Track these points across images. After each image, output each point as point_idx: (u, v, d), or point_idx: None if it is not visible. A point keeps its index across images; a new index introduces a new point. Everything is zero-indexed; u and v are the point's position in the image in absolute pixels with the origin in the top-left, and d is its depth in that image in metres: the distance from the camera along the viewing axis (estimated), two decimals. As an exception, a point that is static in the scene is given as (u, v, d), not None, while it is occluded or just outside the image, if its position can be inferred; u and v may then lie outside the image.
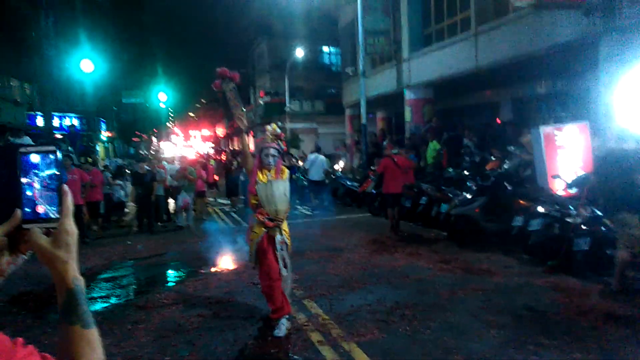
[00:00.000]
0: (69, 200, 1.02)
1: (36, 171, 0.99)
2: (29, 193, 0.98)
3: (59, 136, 20.75)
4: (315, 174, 14.55)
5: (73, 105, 26.37)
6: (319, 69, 34.30)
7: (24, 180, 0.98)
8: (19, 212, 0.97)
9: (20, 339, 0.88)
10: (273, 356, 4.81)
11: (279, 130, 5.48)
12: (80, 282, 1.02)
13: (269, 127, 5.50)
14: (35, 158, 0.99)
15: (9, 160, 0.98)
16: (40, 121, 21.46)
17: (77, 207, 8.89)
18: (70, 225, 1.01)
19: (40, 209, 0.99)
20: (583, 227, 6.94)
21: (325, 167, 14.84)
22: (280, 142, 5.44)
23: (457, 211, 9.17)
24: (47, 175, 0.99)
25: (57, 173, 1.00)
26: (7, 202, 0.97)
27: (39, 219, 0.99)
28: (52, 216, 0.99)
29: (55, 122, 22.94)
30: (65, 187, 1.02)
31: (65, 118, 24.64)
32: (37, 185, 0.99)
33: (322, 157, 14.95)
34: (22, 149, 0.98)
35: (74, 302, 1.00)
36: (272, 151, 5.34)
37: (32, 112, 22.43)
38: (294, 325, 5.47)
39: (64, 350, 0.99)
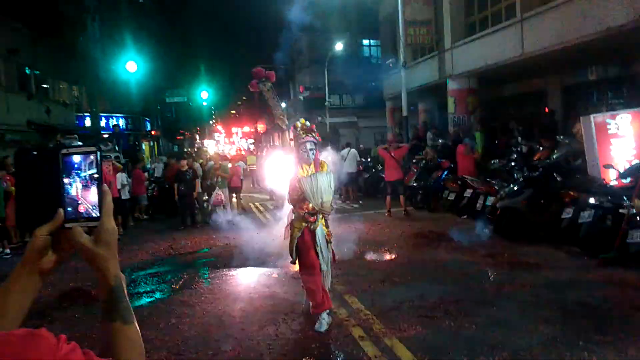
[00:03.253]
0: (109, 199, 1.03)
1: (77, 171, 1.02)
2: (71, 193, 1.01)
3: (105, 136, 21.43)
4: (349, 166, 15.52)
5: (119, 105, 27.16)
6: (359, 62, 34.02)
7: (66, 180, 1.01)
8: (61, 211, 1.00)
9: (63, 336, 0.88)
10: (314, 351, 4.77)
11: (308, 123, 5.43)
12: (121, 279, 1.04)
13: (298, 123, 5.45)
14: (76, 158, 1.02)
15: (52, 161, 1.01)
16: (88, 122, 22.21)
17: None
18: (111, 224, 1.03)
19: (82, 208, 1.02)
20: (638, 218, 6.59)
21: (358, 159, 16.24)
22: (314, 135, 5.37)
23: (504, 204, 8.89)
24: (88, 175, 1.02)
25: (98, 173, 1.02)
26: (51, 201, 1.00)
27: (80, 218, 1.01)
28: (93, 215, 1.02)
29: (103, 123, 23.69)
30: (105, 186, 1.04)
31: (111, 118, 25.42)
32: (78, 185, 1.02)
33: (353, 150, 16.33)
34: (64, 150, 1.01)
35: (115, 299, 1.02)
36: (308, 145, 5.30)
37: (81, 114, 23.24)
38: (335, 321, 5.42)
39: (106, 346, 1.01)
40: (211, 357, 4.76)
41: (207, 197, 13.63)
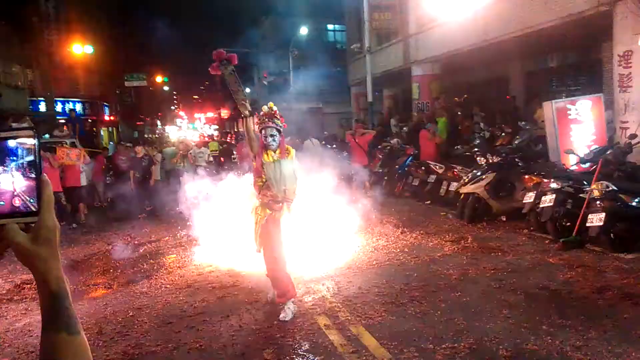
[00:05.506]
0: (49, 191, 0.88)
1: (13, 158, 0.86)
2: (4, 183, 0.85)
3: (62, 121, 20.64)
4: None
5: (76, 90, 26.17)
6: (324, 47, 33.81)
7: None
8: None
9: None
10: (279, 341, 4.68)
11: (274, 108, 5.28)
12: (64, 283, 0.90)
13: (264, 107, 5.30)
14: (11, 143, 0.86)
15: None
16: (43, 107, 21.34)
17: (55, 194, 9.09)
18: (52, 219, 0.88)
19: (17, 201, 0.86)
20: (597, 202, 6.72)
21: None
22: (277, 121, 5.22)
23: (467, 189, 8.96)
24: (25, 162, 0.86)
25: (36, 160, 0.87)
26: None
27: (15, 212, 0.86)
28: (31, 209, 0.86)
29: (58, 108, 22.82)
30: (45, 176, 0.88)
31: (67, 103, 24.48)
32: (13, 174, 0.86)
33: (311, 140, 15.95)
34: None
35: (58, 306, 0.89)
36: (269, 131, 5.17)
37: (35, 98, 22.29)
38: (300, 309, 5.33)
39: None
40: (172, 350, 4.61)
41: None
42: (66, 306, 0.89)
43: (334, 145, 17.55)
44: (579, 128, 8.70)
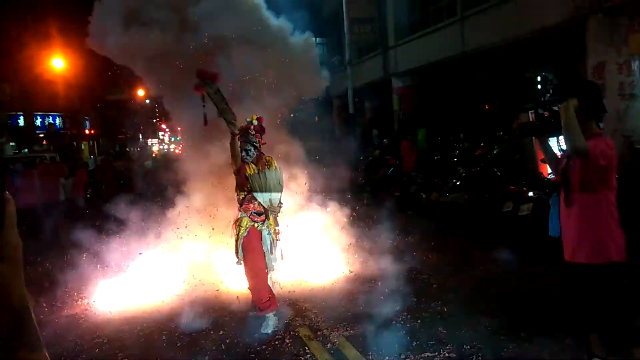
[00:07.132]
0: (11, 209, 0.88)
1: None
2: None
3: (41, 135, 20.47)
4: None
5: (56, 104, 25.91)
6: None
7: None
8: None
9: None
10: (261, 354, 4.67)
11: (249, 122, 5.29)
12: (26, 300, 0.89)
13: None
14: None
15: None
16: (22, 121, 21.09)
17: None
18: (15, 237, 0.88)
19: None
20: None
21: None
22: (251, 136, 5.22)
23: (446, 199, 9.05)
24: None
25: None
26: None
27: None
28: None
29: (38, 122, 22.57)
30: (7, 194, 0.88)
31: (47, 117, 24.21)
32: None
33: None
34: None
35: (20, 324, 0.87)
36: (246, 145, 5.18)
37: (14, 112, 22.02)
38: (281, 321, 5.32)
39: None
40: (152, 366, 4.57)
41: None
42: (28, 324, 0.88)
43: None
44: (555, 137, 8.86)
